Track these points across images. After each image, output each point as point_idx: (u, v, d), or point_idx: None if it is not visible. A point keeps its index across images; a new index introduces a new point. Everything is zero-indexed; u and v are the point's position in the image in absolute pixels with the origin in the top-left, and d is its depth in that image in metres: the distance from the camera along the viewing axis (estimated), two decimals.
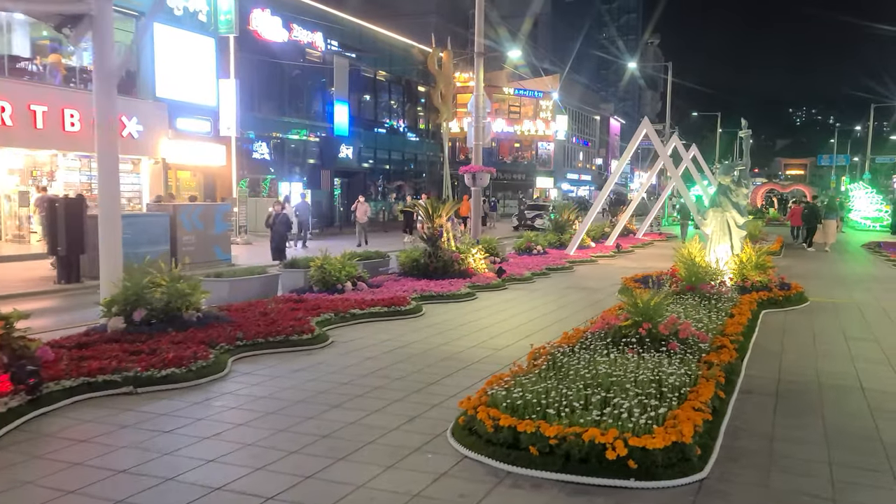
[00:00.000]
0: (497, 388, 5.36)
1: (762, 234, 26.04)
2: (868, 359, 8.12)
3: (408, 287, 12.34)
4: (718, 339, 7.55)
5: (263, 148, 32.06)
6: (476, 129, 19.14)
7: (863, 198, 41.26)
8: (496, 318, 10.39)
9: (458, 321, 10.11)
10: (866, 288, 14.79)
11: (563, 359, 6.40)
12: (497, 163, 62.06)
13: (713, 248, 13.06)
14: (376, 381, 6.63)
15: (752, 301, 10.82)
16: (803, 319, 10.68)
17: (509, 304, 11.77)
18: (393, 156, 43.26)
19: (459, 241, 14.64)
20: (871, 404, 6.30)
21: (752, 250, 12.67)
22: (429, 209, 14.38)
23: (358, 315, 9.76)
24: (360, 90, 39.08)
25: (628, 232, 28.70)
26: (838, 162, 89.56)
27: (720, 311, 9.54)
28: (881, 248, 24.03)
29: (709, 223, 13.09)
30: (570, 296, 13.00)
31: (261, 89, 31.90)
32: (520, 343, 8.54)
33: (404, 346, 8.27)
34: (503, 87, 62.25)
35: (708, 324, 8.38)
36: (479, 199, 19.30)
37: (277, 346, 7.79)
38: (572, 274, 16.69)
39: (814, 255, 22.53)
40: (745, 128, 14.84)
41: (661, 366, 6.13)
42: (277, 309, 9.49)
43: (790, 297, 11.92)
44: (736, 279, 12.28)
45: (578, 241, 20.55)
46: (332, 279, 11.52)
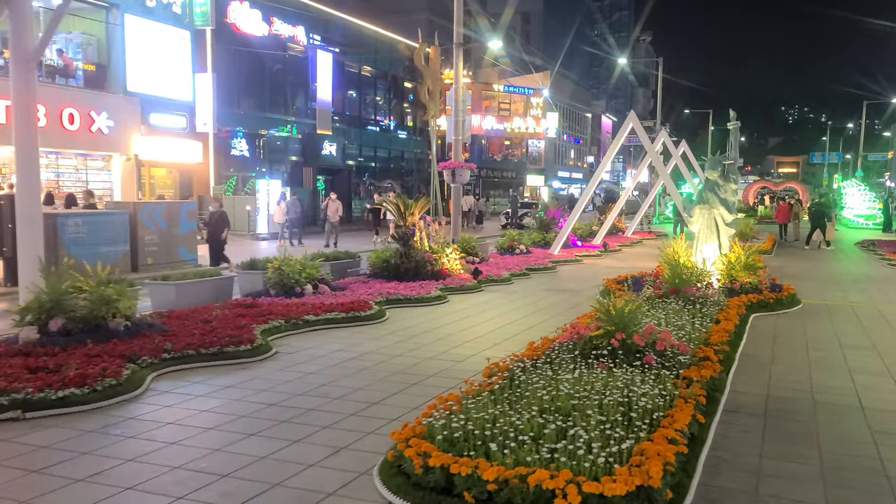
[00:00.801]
0: (437, 415, 4.56)
1: (753, 233, 25.36)
2: (866, 370, 7.36)
3: (374, 290, 11.53)
4: (701, 350, 6.77)
5: (243, 144, 31.18)
6: (455, 123, 18.34)
7: (856, 195, 40.67)
8: (464, 325, 9.60)
9: (422, 327, 9.32)
10: (861, 288, 14.06)
11: (522, 376, 5.61)
12: (487, 160, 61.35)
13: (700, 247, 12.30)
14: (311, 402, 5.82)
15: (741, 304, 10.06)
16: (796, 324, 9.93)
17: (481, 309, 10.98)
18: (379, 153, 42.41)
19: (433, 241, 13.83)
20: (873, 426, 5.54)
21: (741, 250, 11.92)
22: (400, 207, 13.58)
23: (312, 322, 8.95)
24: (344, 86, 38.20)
25: (617, 230, 27.96)
26: (830, 160, 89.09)
27: (705, 316, 8.78)
28: (875, 247, 23.37)
29: (695, 221, 12.33)
30: (547, 299, 12.22)
31: (240, 84, 30.99)
32: (484, 353, 7.75)
33: (356, 358, 7.47)
34: (493, 84, 61.48)
35: (691, 332, 7.62)
36: (458, 196, 18.51)
37: (210, 358, 6.97)
38: (554, 275, 15.92)
39: (807, 254, 21.83)
40: (733, 119, 14.09)
41: (633, 384, 5.35)
42: (222, 315, 8.68)
43: (781, 299, 11.18)
44: (724, 280, 11.52)
45: (563, 239, 19.79)
46: (290, 282, 10.70)
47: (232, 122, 29.92)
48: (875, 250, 22.64)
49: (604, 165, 20.17)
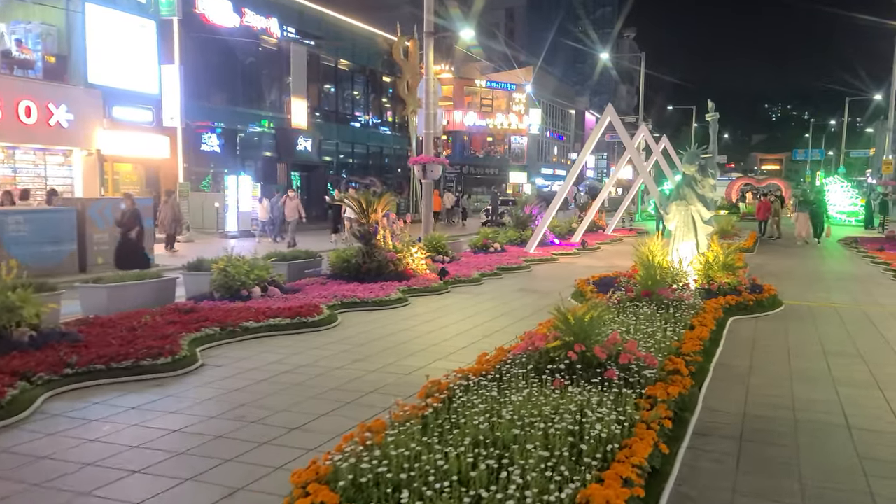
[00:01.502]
0: (349, 451, 3.83)
1: (735, 230, 24.84)
2: (851, 381, 6.71)
3: (331, 292, 10.77)
4: (671, 362, 6.08)
5: (213, 139, 30.21)
6: (427, 116, 17.59)
7: (838, 192, 40.35)
8: (422, 330, 8.87)
9: (375, 334, 8.58)
10: (845, 288, 13.49)
11: (463, 397, 4.90)
12: (469, 157, 60.66)
13: (677, 245, 11.64)
14: (222, 427, 5.07)
15: (718, 307, 9.40)
16: (777, 328, 9.29)
17: (444, 312, 10.26)
18: (357, 149, 41.55)
19: (398, 239, 13.09)
20: (861, 451, 4.87)
21: (719, 248, 11.27)
22: (362, 203, 12.82)
23: (251, 329, 8.19)
24: (320, 80, 37.34)
25: (598, 228, 27.36)
26: (813, 157, 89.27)
27: (679, 321, 8.10)
28: (858, 244, 22.91)
29: (671, 218, 11.67)
30: (516, 301, 11.52)
31: (211, 77, 30.02)
32: (435, 365, 7.03)
33: (291, 371, 6.72)
34: (475, 80, 60.74)
35: (662, 340, 6.93)
36: (430, 192, 17.76)
37: (121, 373, 6.19)
38: (527, 274, 15.22)
39: (790, 252, 21.30)
40: (711, 110, 13.33)
41: (590, 404, 4.65)
42: (152, 322, 7.90)
43: (762, 301, 10.54)
44: (701, 281, 10.87)
45: (539, 237, 19.10)
46: (235, 284, 9.92)
47: (202, 117, 28.97)
48: (858, 247, 22.18)
49: (581, 160, 19.49)
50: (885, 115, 53.23)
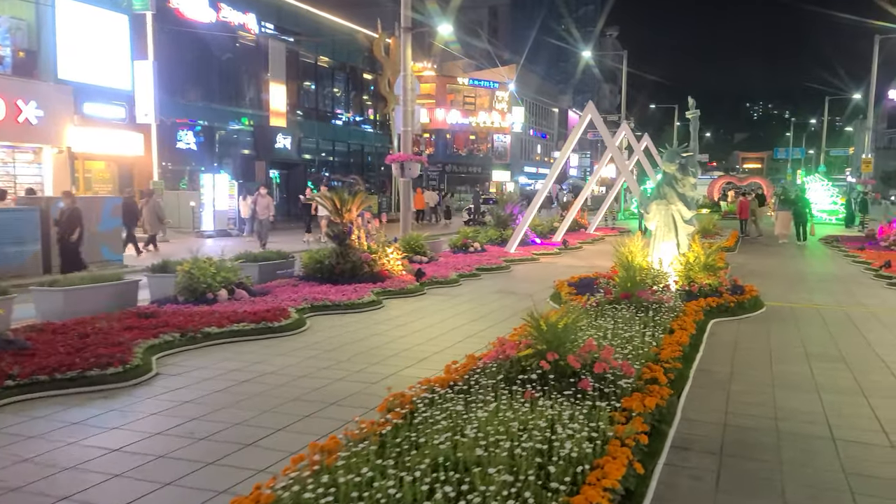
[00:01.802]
0: (295, 476, 3.50)
1: (717, 229, 24.72)
2: (835, 387, 6.48)
3: (301, 294, 10.41)
4: (649, 370, 5.81)
5: (189, 137, 29.68)
6: (404, 113, 17.24)
7: (819, 190, 40.48)
8: (394, 335, 8.55)
9: (345, 339, 8.25)
10: (827, 288, 13.33)
11: (426, 411, 4.58)
12: (452, 155, 60.36)
13: (657, 245, 11.40)
14: (167, 444, 4.72)
15: (699, 310, 9.16)
16: (758, 331, 9.06)
17: (418, 315, 9.94)
18: (338, 147, 41.10)
19: (373, 240, 12.75)
20: (846, 466, 4.61)
21: (700, 249, 11.03)
22: (336, 202, 12.47)
23: (213, 335, 7.82)
24: (299, 77, 36.85)
25: (580, 227, 27.17)
26: (794, 155, 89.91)
27: (659, 324, 7.84)
28: (839, 242, 22.87)
29: (652, 217, 11.42)
30: (494, 302, 11.22)
31: (186, 73, 29.48)
32: (405, 372, 6.71)
33: (252, 380, 6.37)
34: (458, 78, 60.43)
35: (640, 345, 6.66)
36: (408, 191, 17.42)
37: (67, 385, 5.81)
38: (506, 275, 14.94)
39: (772, 251, 21.20)
40: (692, 107, 12.99)
41: (561, 419, 4.35)
42: (107, 328, 7.50)
43: (743, 302, 10.32)
44: (682, 282, 10.63)
45: (519, 237, 18.84)
46: (200, 287, 9.54)
47: (177, 114, 28.43)
48: (839, 246, 22.14)
49: (561, 158, 19.23)
50: (864, 114, 53.60)
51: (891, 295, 12.58)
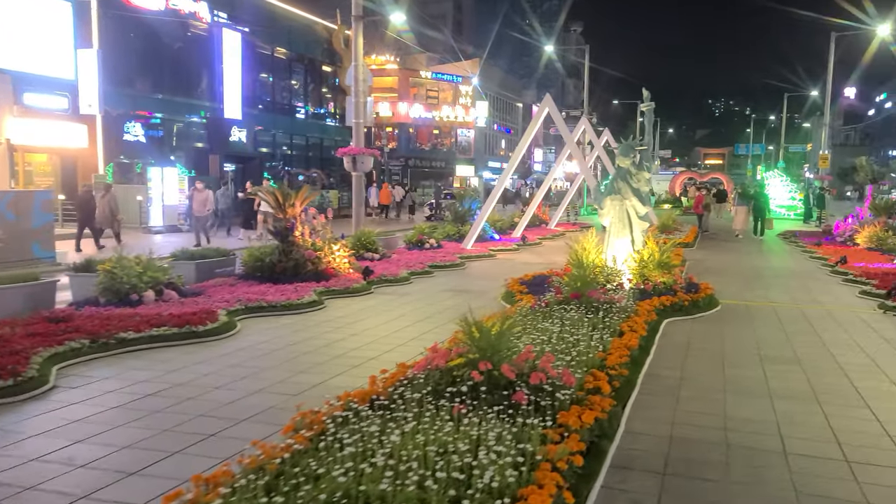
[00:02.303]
0: None
1: (676, 224, 24.61)
2: (789, 393, 6.13)
3: (237, 295, 9.80)
4: (592, 378, 5.38)
5: (138, 129, 28.65)
6: (356, 105, 16.67)
7: (778, 186, 40.89)
8: (330, 338, 8.01)
9: (276, 344, 7.69)
10: (783, 285, 13.14)
11: (337, 431, 4.07)
12: (415, 150, 59.73)
13: (611, 242, 11.04)
14: (41, 472, 4.13)
15: (651, 310, 8.80)
16: (712, 331, 8.73)
17: (361, 316, 9.41)
18: (296, 140, 40.21)
19: (318, 236, 12.17)
20: (798, 486, 4.23)
21: (655, 245, 10.69)
22: (278, 197, 11.86)
23: (129, 340, 7.19)
24: (255, 68, 35.86)
25: (541, 222, 26.87)
26: (754, 151, 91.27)
27: (608, 327, 7.44)
28: (797, 238, 22.93)
29: (606, 213, 11.06)
30: (444, 302, 10.74)
31: (134, 63, 28.46)
32: (334, 381, 6.20)
33: (158, 393, 5.78)
34: (420, 71, 59.80)
35: (586, 350, 6.23)
36: (360, 185, 16.84)
37: None
38: (460, 272, 14.48)
39: (730, 247, 21.11)
40: (646, 100, 12.46)
41: (486, 440, 3.88)
42: (7, 335, 6.82)
43: (698, 301, 10.00)
44: (636, 281, 10.28)
45: (476, 232, 18.40)
46: (124, 287, 8.88)
47: (124, 105, 27.40)
48: (797, 241, 22.18)
49: (519, 152, 18.83)
50: (821, 111, 54.38)
51: (846, 291, 12.43)
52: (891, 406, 5.80)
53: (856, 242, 19.83)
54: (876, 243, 18.80)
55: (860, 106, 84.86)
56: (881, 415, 5.56)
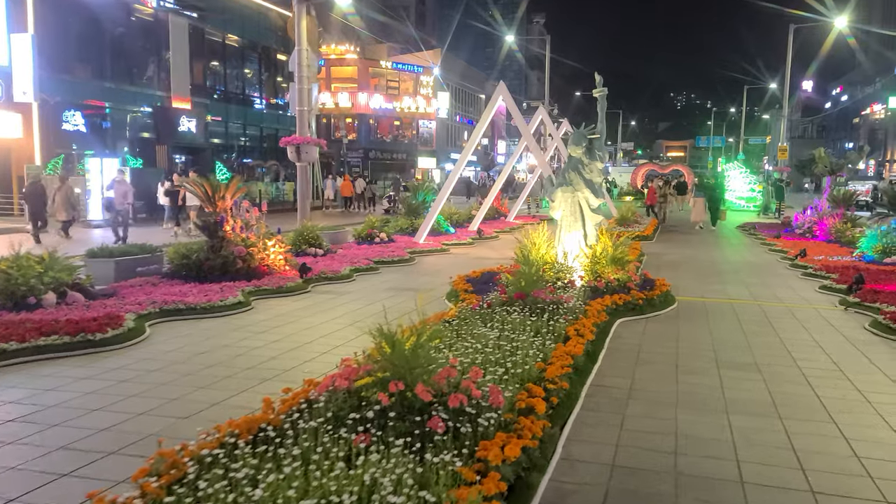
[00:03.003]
0: None
1: (636, 217, 24.18)
2: (747, 407, 5.52)
3: (154, 296, 8.92)
4: (527, 395, 4.70)
5: (78, 118, 27.23)
6: (299, 91, 15.76)
7: (737, 178, 40.91)
8: (247, 346, 7.20)
9: (185, 353, 6.86)
10: (742, 280, 12.66)
11: (199, 477, 3.30)
12: (376, 142, 58.69)
13: (562, 237, 10.40)
14: None
15: (602, 309, 8.16)
16: (667, 332, 8.14)
17: (289, 319, 8.61)
18: (249, 131, 38.96)
19: (252, 231, 11.30)
20: None
21: (608, 240, 10.07)
22: (207, 189, 10.96)
23: (10, 352, 6.30)
24: (205, 56, 34.59)
25: (500, 215, 26.27)
26: (715, 143, 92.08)
27: (553, 330, 6.76)
28: (756, 230, 22.67)
29: (557, 206, 10.40)
30: (385, 301, 9.96)
31: (73, 49, 27.04)
32: (234, 401, 5.42)
33: (20, 419, 4.94)
34: (381, 61, 58.72)
35: (523, 359, 5.54)
36: (305, 176, 15.94)
37: None
38: (408, 269, 13.73)
39: (688, 240, 20.72)
40: (599, 85, 11.64)
41: (381, 487, 3.15)
42: None
43: (653, 299, 9.41)
44: (588, 278, 9.65)
45: (429, 226, 17.66)
46: (20, 289, 7.95)
47: (63, 92, 26.00)
48: (756, 234, 21.92)
49: (473, 140, 18.12)
50: (780, 103, 54.78)
51: (805, 286, 12.00)
52: (858, 420, 5.23)
53: (815, 235, 19.59)
54: (834, 235, 18.56)
55: (817, 99, 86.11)
56: (848, 431, 4.98)
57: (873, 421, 5.23)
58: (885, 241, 14.40)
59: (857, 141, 70.27)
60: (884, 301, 9.54)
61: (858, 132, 73.77)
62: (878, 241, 14.50)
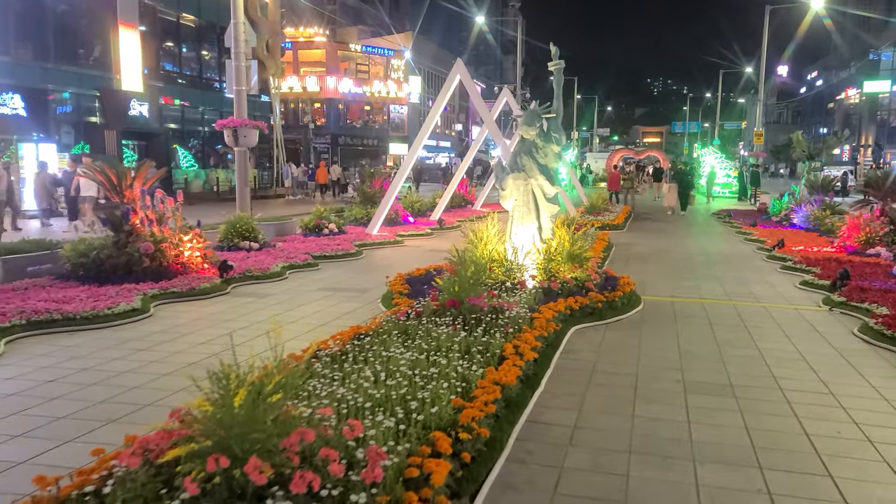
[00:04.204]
0: None
1: (607, 205, 23.07)
2: (720, 454, 4.35)
3: (28, 303, 7.56)
4: (428, 452, 3.47)
5: (17, 101, 25.43)
6: (236, 69, 14.33)
7: (713, 163, 40.02)
8: (115, 369, 5.89)
9: (29, 381, 5.53)
10: (716, 274, 11.56)
11: None
12: (346, 127, 57.05)
13: (515, 230, 9.18)
14: None
15: (553, 318, 6.96)
16: (627, 343, 6.96)
17: (185, 331, 7.29)
18: (208, 115, 37.13)
19: (166, 224, 9.93)
20: None
21: (565, 233, 8.86)
22: (111, 176, 9.57)
23: None
24: (158, 36, 32.75)
25: (466, 203, 25.06)
26: (691, 129, 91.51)
27: (488, 349, 5.54)
28: (732, 218, 21.69)
29: (508, 195, 9.17)
30: (308, 306, 8.70)
31: (11, 27, 25.17)
32: (47, 457, 4.14)
33: None
34: (350, 44, 56.95)
35: (436, 395, 4.30)
36: (244, 162, 14.53)
37: None
38: (352, 264, 12.45)
39: (661, 228, 19.63)
40: (554, 57, 10.09)
41: None
42: None
43: (615, 301, 8.23)
44: (540, 277, 8.44)
45: (382, 216, 16.37)
46: None
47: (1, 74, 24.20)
48: (731, 222, 20.93)
49: (429, 122, 16.79)
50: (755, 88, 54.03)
51: (784, 281, 10.93)
52: (861, 472, 4.07)
53: (792, 222, 18.62)
54: (813, 223, 17.59)
55: (793, 84, 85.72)
56: (850, 490, 3.82)
57: (879, 473, 4.07)
58: (868, 231, 13.40)
59: (832, 126, 70.01)
60: (872, 300, 8.48)
61: (833, 117, 73.46)
62: (860, 230, 13.49)
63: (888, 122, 62.51)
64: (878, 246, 12.90)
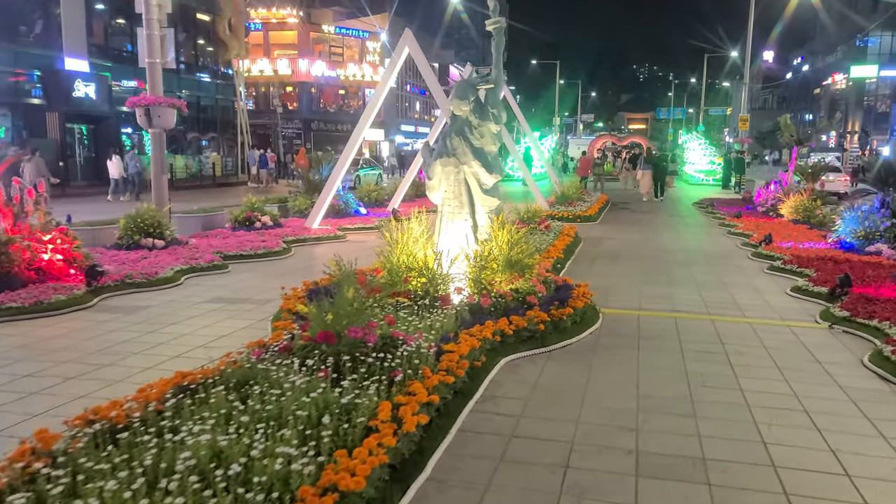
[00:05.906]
0: None
1: (581, 193, 21.35)
2: None
3: None
4: None
5: None
6: (148, 38, 12.46)
7: (696, 150, 38.46)
8: None
9: None
10: (693, 277, 9.89)
11: None
12: (319, 112, 54.95)
13: (443, 229, 7.43)
14: None
15: (476, 348, 5.22)
16: (571, 382, 5.25)
17: (19, 356, 5.52)
18: None
19: (24, 218, 8.10)
20: None
21: (504, 233, 7.09)
22: None
23: None
24: (108, 13, 30.60)
25: None
26: (675, 115, 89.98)
27: (351, 416, 3.80)
28: (714, 208, 20.05)
29: (435, 185, 7.41)
30: (180, 326, 6.92)
31: None
32: None
33: None
34: (323, 25, 54.72)
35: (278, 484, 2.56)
36: (160, 146, 12.64)
37: None
38: (273, 265, 10.65)
39: (637, 220, 17.94)
40: (493, 14, 8.20)
41: None
42: None
43: (562, 320, 6.49)
44: (472, 290, 6.70)
45: (324, 207, 14.57)
46: None
47: None
48: (714, 212, 19.30)
49: (375, 101, 14.96)
50: (741, 73, 52.42)
51: (773, 285, 9.27)
52: None
53: (780, 213, 17.01)
54: (802, 215, 15.99)
55: (778, 69, 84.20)
56: None
57: None
58: (868, 225, 11.77)
59: (818, 112, 68.63)
60: (883, 316, 6.82)
61: (819, 103, 72.03)
62: (858, 224, 11.85)
63: (875, 108, 61.16)
64: (879, 244, 11.28)
